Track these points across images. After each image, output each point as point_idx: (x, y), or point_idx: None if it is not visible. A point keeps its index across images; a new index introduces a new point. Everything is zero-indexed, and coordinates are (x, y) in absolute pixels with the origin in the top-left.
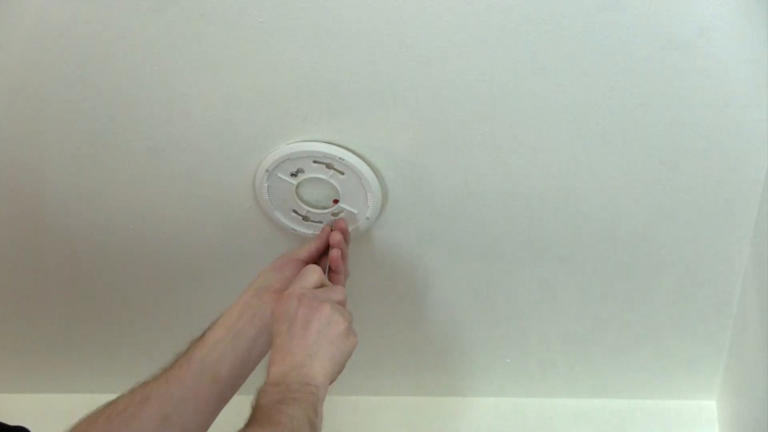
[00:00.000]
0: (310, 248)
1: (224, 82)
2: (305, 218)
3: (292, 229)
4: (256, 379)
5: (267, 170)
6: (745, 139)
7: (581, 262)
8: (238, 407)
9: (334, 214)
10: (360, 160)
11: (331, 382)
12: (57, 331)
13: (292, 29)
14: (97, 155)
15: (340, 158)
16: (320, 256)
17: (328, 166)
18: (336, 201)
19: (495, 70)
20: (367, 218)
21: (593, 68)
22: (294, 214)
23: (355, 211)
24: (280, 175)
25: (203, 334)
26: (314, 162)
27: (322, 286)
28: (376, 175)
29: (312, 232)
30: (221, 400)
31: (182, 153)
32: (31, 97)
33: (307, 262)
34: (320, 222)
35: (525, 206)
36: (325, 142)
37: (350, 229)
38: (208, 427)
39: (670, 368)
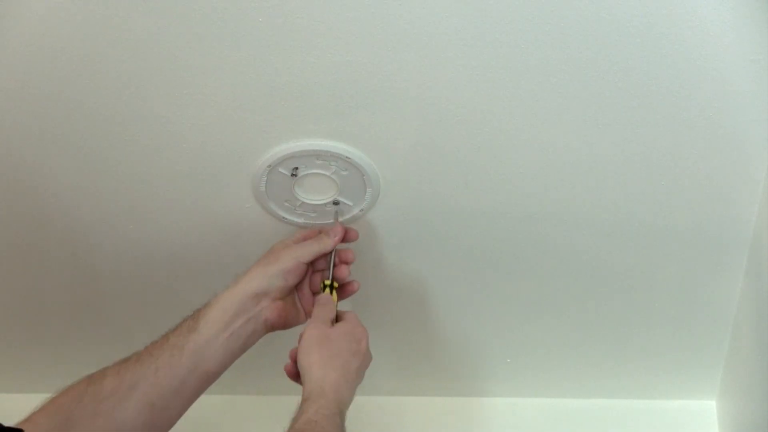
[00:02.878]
0: (315, 251)
1: (225, 82)
2: (298, 208)
3: (283, 218)
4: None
5: (269, 166)
6: (745, 139)
7: (581, 263)
8: (240, 407)
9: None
10: (366, 159)
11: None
12: (57, 331)
13: (292, 29)
14: (98, 154)
15: (347, 157)
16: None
17: (331, 163)
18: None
19: (495, 71)
20: (362, 210)
21: (593, 68)
22: (287, 204)
23: (351, 204)
24: (281, 170)
25: (197, 324)
26: (318, 159)
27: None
28: (377, 171)
29: (303, 221)
30: (204, 389)
31: (183, 153)
32: (34, 96)
33: (309, 264)
34: (313, 213)
35: (525, 208)
36: (331, 140)
37: (341, 220)
38: (187, 409)
39: (670, 368)
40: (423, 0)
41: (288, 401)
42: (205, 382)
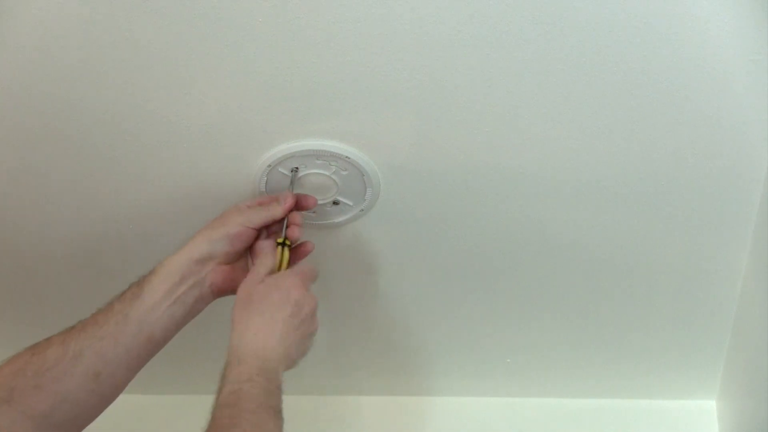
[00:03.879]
0: (264, 217)
1: (225, 82)
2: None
3: None
4: None
5: (269, 166)
6: (745, 139)
7: (581, 263)
8: None
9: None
10: (366, 158)
11: None
12: (57, 331)
13: (292, 29)
14: (98, 154)
15: (347, 157)
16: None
17: (331, 163)
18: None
19: (495, 70)
20: (362, 210)
21: (593, 69)
22: None
23: (351, 204)
24: (281, 170)
25: (141, 290)
26: (318, 159)
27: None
28: (377, 171)
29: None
30: (151, 356)
31: (183, 153)
32: (34, 96)
33: (259, 229)
34: (313, 213)
35: (525, 208)
36: (331, 140)
37: (342, 219)
38: (133, 378)
39: (670, 368)
40: (423, 0)
41: (286, 400)
42: (150, 349)
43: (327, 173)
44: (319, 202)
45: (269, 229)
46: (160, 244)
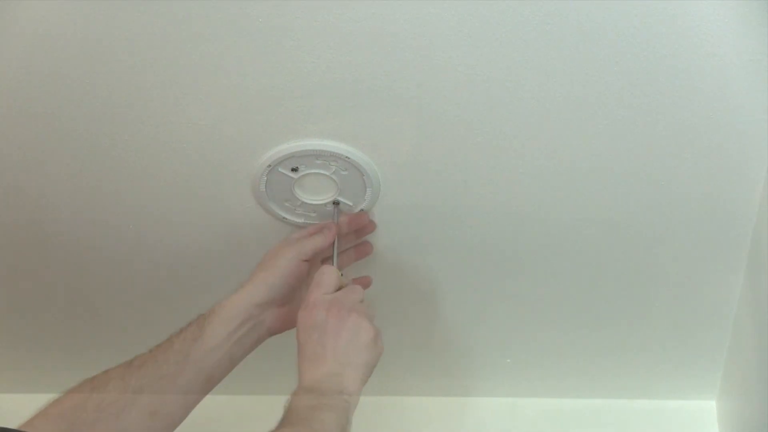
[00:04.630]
0: (315, 246)
1: (225, 82)
2: (298, 208)
3: (284, 218)
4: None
5: (269, 166)
6: (745, 139)
7: (581, 263)
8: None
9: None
10: (366, 159)
11: (362, 386)
12: (57, 332)
13: (292, 29)
14: (97, 155)
15: (347, 157)
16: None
17: (331, 163)
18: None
19: (495, 70)
20: (362, 210)
21: (593, 68)
22: (287, 204)
23: (351, 204)
24: (281, 170)
25: (202, 332)
26: (318, 159)
27: (340, 286)
28: (377, 171)
29: (303, 221)
30: (206, 395)
31: (182, 153)
32: (34, 96)
33: (311, 260)
34: (313, 213)
35: (524, 207)
36: (331, 140)
37: (342, 219)
38: (187, 415)
39: (670, 368)
40: (423, 0)
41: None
42: (207, 389)
43: (327, 173)
44: (319, 202)
45: (323, 253)
46: (158, 244)
